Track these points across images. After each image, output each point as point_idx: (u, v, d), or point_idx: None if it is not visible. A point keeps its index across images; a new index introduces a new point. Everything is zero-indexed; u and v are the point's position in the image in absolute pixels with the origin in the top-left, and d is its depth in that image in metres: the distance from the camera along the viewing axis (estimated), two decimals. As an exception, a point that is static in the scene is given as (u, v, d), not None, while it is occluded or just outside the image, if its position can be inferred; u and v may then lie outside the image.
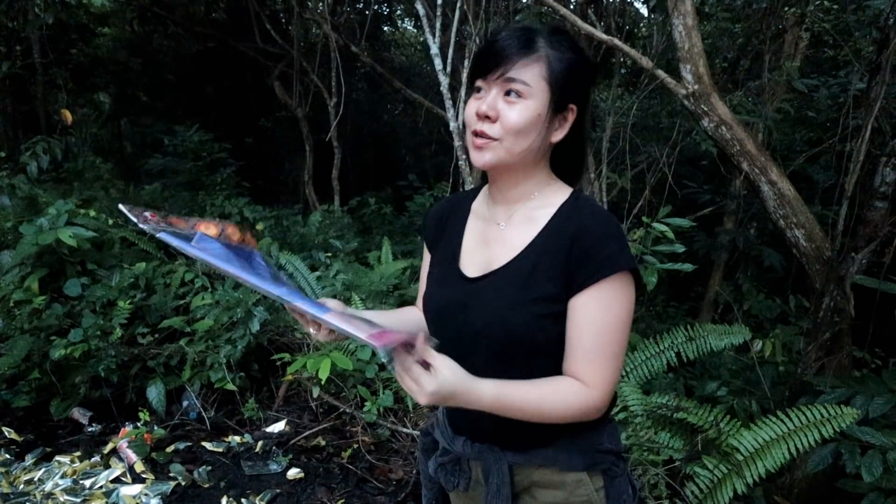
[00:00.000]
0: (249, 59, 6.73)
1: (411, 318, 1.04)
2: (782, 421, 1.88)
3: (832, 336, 2.21)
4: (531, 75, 0.79)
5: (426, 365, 0.71)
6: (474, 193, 1.00)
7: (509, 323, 0.80)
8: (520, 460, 0.88)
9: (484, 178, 0.96)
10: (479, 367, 0.85)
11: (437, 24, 3.18)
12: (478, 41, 3.31)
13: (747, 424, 1.97)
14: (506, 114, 0.79)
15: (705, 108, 2.18)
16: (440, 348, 0.95)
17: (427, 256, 1.03)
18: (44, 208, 3.14)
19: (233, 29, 6.92)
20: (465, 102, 0.87)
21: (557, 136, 0.84)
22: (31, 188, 3.55)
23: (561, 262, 0.80)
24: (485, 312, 0.83)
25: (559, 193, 0.87)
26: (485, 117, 0.80)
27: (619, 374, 0.82)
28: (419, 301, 1.05)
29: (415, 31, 8.77)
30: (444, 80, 3.10)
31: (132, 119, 8.44)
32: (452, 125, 3.17)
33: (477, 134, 0.82)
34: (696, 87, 2.17)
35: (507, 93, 0.79)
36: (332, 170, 5.68)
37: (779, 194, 2.19)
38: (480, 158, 0.83)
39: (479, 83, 0.83)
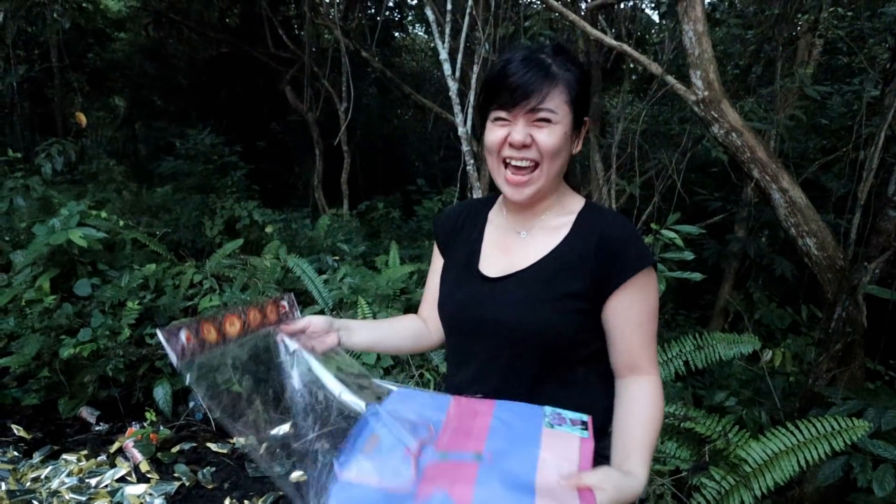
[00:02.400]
0: (262, 64, 6.81)
1: (405, 327, 1.05)
2: (792, 433, 1.85)
3: (844, 347, 2.17)
4: (557, 103, 0.83)
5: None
6: (490, 202, 1.02)
7: (532, 316, 0.84)
8: None
9: (493, 182, 0.97)
10: (502, 361, 0.88)
11: (447, 30, 3.20)
12: (487, 47, 3.32)
13: (756, 435, 1.94)
14: (539, 138, 0.83)
15: (715, 115, 2.17)
16: (459, 345, 0.95)
17: (438, 260, 1.04)
18: (57, 209, 3.19)
19: (246, 34, 7.01)
20: (474, 108, 0.91)
21: (577, 148, 0.90)
22: (46, 189, 3.61)
23: (587, 263, 0.85)
24: (507, 306, 0.86)
25: (574, 202, 0.93)
26: (522, 146, 0.84)
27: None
28: (422, 306, 1.06)
29: (425, 36, 8.82)
30: (453, 86, 3.11)
31: (146, 122, 8.57)
32: (461, 130, 3.18)
33: (508, 164, 0.85)
34: (706, 93, 2.16)
35: (537, 119, 0.83)
36: (342, 174, 5.71)
37: (790, 202, 2.16)
38: (518, 195, 0.87)
39: (500, 114, 0.85)
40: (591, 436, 0.75)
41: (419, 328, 1.05)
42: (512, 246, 0.92)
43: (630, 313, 0.85)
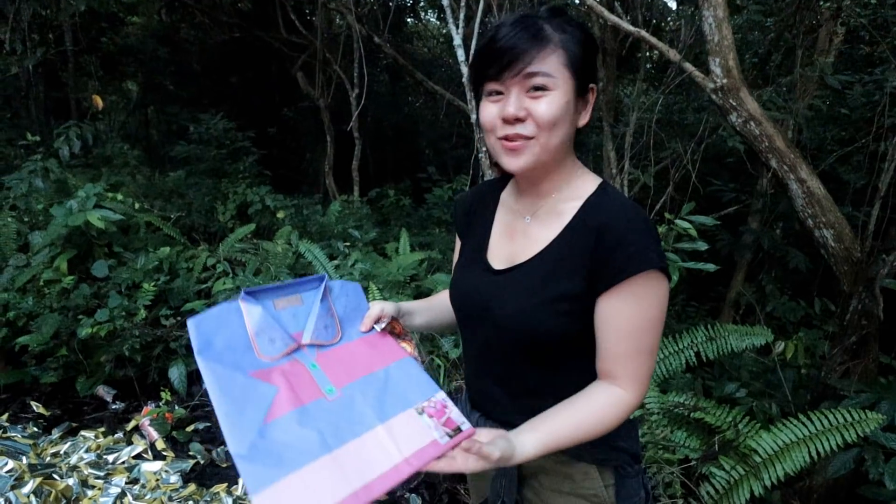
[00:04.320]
0: (274, 50, 6.79)
1: (445, 307, 1.04)
2: (804, 424, 1.85)
3: (859, 340, 2.15)
4: (552, 65, 0.74)
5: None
6: (503, 182, 0.98)
7: (527, 319, 0.80)
8: None
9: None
10: (504, 357, 0.87)
11: (461, 16, 3.16)
12: (501, 32, 3.28)
13: (767, 426, 1.94)
14: (535, 109, 0.75)
15: (734, 103, 2.13)
16: (464, 333, 0.95)
17: (459, 244, 1.03)
18: (74, 191, 3.23)
19: (258, 19, 6.99)
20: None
21: (583, 120, 0.82)
22: (62, 172, 3.65)
23: (585, 258, 0.77)
24: (505, 306, 0.82)
25: (586, 185, 0.84)
26: (514, 119, 0.76)
27: (652, 370, 0.79)
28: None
29: (437, 23, 8.74)
30: (466, 72, 3.09)
31: (159, 107, 8.61)
32: (473, 117, 3.16)
33: (508, 138, 0.78)
34: (724, 80, 2.12)
35: (532, 88, 0.75)
36: (353, 160, 5.71)
37: (808, 193, 2.13)
38: (516, 162, 0.78)
39: (493, 86, 0.77)
40: (447, 445, 0.70)
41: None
42: (517, 233, 0.88)
43: (618, 320, 0.76)
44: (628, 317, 0.75)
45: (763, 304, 3.65)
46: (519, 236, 0.87)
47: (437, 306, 1.04)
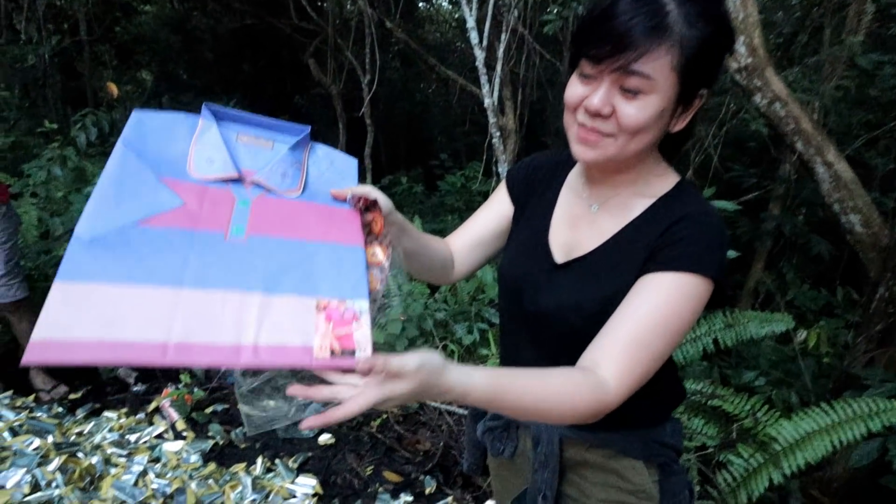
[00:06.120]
0: (285, 37, 6.77)
1: (441, 249, 0.92)
2: (826, 413, 1.82)
3: (885, 328, 2.10)
4: (658, 67, 0.63)
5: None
6: (573, 162, 0.89)
7: (583, 312, 0.76)
8: (573, 435, 0.84)
9: (520, 155, 0.90)
10: (550, 347, 0.83)
11: (476, -2, 3.11)
12: (517, 14, 3.22)
13: (787, 415, 1.91)
14: (623, 111, 0.66)
15: (759, 83, 2.07)
16: (511, 323, 0.90)
17: (498, 203, 0.94)
18: (91, 179, 3.27)
19: (269, 5, 6.95)
20: (499, 75, 0.78)
21: (679, 125, 0.72)
22: (80, 160, 3.70)
23: (647, 248, 0.72)
24: (560, 299, 0.79)
25: (663, 183, 0.77)
26: (596, 114, 0.68)
27: (646, 378, 0.68)
28: (455, 237, 0.96)
29: (450, 7, 8.62)
30: (479, 56, 3.04)
31: (172, 96, 8.65)
32: (487, 102, 3.12)
33: (584, 126, 0.71)
34: (749, 59, 2.06)
35: (625, 85, 0.65)
36: (365, 147, 5.69)
37: (835, 176, 2.07)
38: (585, 154, 0.72)
39: (587, 68, 0.68)
40: (318, 363, 0.54)
41: (449, 258, 0.94)
42: (580, 220, 0.82)
43: (642, 305, 0.68)
44: (655, 307, 0.68)
45: (783, 293, 3.59)
46: (583, 225, 0.82)
47: (429, 243, 0.89)
